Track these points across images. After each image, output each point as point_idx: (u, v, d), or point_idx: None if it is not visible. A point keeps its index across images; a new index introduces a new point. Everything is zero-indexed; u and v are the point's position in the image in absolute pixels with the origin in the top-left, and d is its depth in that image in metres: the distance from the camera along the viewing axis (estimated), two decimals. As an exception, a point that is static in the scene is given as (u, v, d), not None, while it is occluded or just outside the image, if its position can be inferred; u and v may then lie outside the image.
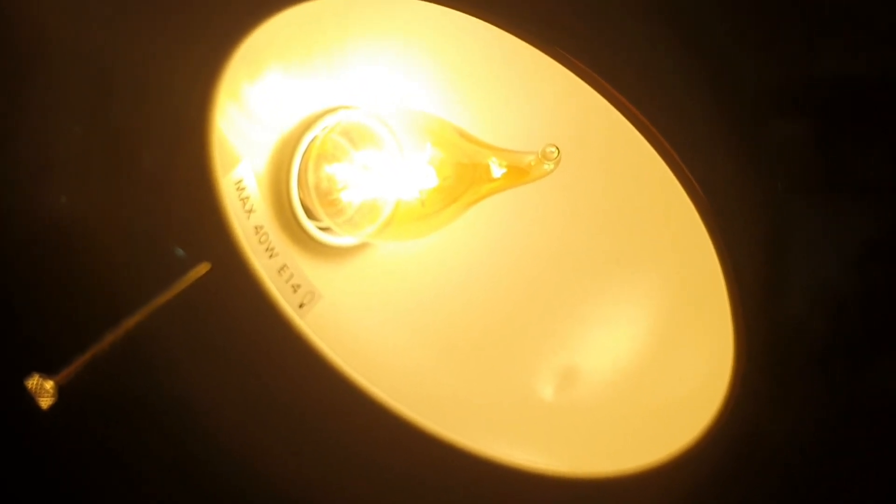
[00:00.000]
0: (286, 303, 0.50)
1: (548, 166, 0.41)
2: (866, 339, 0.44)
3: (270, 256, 0.50)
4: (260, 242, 0.50)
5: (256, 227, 0.50)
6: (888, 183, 0.42)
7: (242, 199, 0.49)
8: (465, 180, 0.45)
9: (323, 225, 0.53)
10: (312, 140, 0.52)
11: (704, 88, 0.35)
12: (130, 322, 0.47)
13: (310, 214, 0.52)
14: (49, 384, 0.44)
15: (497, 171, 0.43)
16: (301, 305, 0.51)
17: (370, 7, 0.37)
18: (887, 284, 0.43)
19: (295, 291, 0.51)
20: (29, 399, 0.44)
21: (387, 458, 0.52)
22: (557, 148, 0.40)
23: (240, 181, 0.49)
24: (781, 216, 0.40)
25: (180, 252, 0.51)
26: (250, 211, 0.49)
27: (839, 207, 0.42)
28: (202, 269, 0.50)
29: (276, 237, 0.51)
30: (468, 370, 0.52)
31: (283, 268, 0.51)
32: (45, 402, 0.44)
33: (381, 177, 0.50)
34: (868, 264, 0.43)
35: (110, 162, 0.49)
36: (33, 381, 0.44)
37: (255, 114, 0.49)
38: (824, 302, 0.43)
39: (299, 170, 0.52)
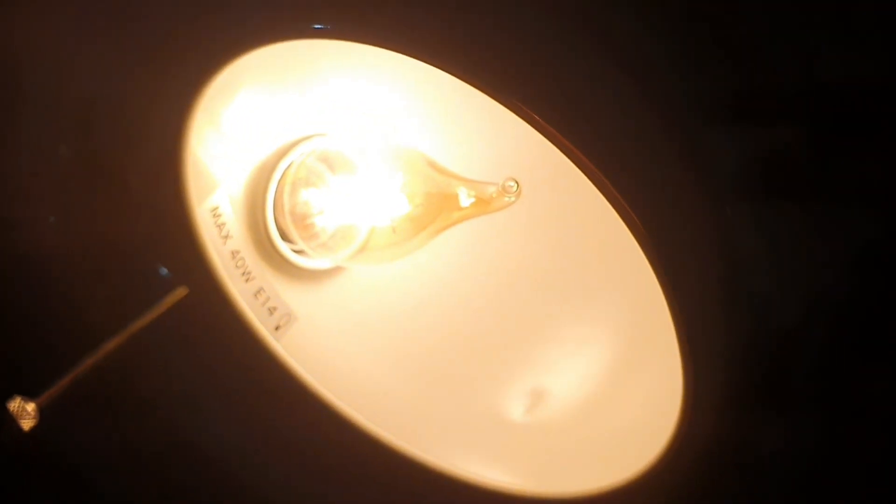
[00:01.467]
0: (262, 325, 0.51)
1: (509, 199, 0.42)
2: (862, 344, 0.45)
3: (247, 280, 0.51)
4: (236, 266, 0.51)
5: (233, 252, 0.51)
6: (882, 188, 0.43)
7: (219, 226, 0.50)
8: (435, 208, 0.46)
9: (298, 248, 0.54)
10: (288, 166, 0.53)
11: (632, 112, 0.36)
12: (109, 345, 0.48)
13: (285, 238, 0.54)
14: (31, 406, 0.45)
15: (465, 200, 0.45)
16: (277, 328, 0.52)
17: (340, 51, 0.39)
18: (882, 290, 0.45)
19: (271, 314, 0.52)
20: (10, 421, 0.45)
21: (360, 477, 0.53)
22: (517, 182, 0.41)
23: (216, 208, 0.50)
24: (726, 235, 0.41)
25: (164, 271, 0.52)
26: (227, 237, 0.51)
27: (833, 213, 0.43)
28: (180, 293, 0.51)
29: (253, 261, 0.52)
30: (440, 391, 0.53)
31: (259, 291, 0.52)
32: (27, 423, 0.45)
33: (354, 203, 0.52)
34: (863, 270, 0.44)
35: (88, 190, 0.50)
36: (15, 404, 0.45)
37: (231, 141, 0.50)
38: (820, 309, 0.44)
39: (275, 195, 0.53)
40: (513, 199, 0.42)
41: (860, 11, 0.42)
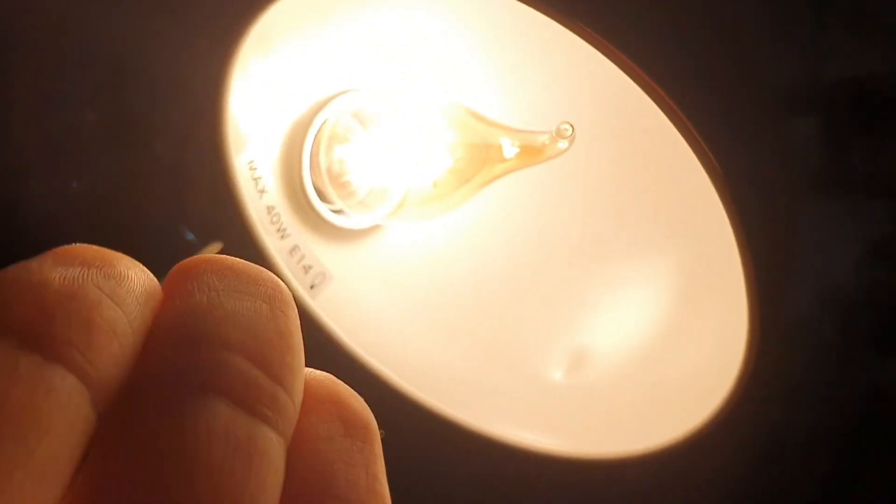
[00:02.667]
0: (297, 283, 0.50)
1: (562, 145, 0.41)
2: (875, 339, 0.44)
3: (282, 237, 0.51)
4: (272, 223, 0.50)
5: (269, 208, 0.50)
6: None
7: (255, 179, 0.49)
8: (478, 161, 0.45)
9: (335, 207, 0.53)
10: (324, 122, 0.52)
11: (729, 72, 0.35)
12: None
13: (322, 197, 0.53)
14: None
15: (510, 150, 0.44)
16: (312, 286, 0.52)
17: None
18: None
19: (306, 273, 0.51)
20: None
21: (394, 437, 0.52)
22: (572, 126, 0.40)
23: (251, 162, 0.49)
24: (797, 202, 0.40)
25: (190, 236, 0.51)
26: (262, 191, 0.50)
27: (850, 207, 0.42)
28: (214, 247, 0.50)
29: (288, 218, 0.51)
30: (478, 351, 0.52)
31: (294, 248, 0.51)
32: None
33: (392, 159, 0.51)
34: (878, 264, 0.43)
35: (124, 145, 0.50)
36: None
37: (266, 95, 0.49)
38: (833, 302, 0.43)
39: (311, 152, 0.52)
40: (566, 144, 0.41)
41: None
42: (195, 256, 0.20)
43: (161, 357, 0.18)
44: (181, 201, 0.51)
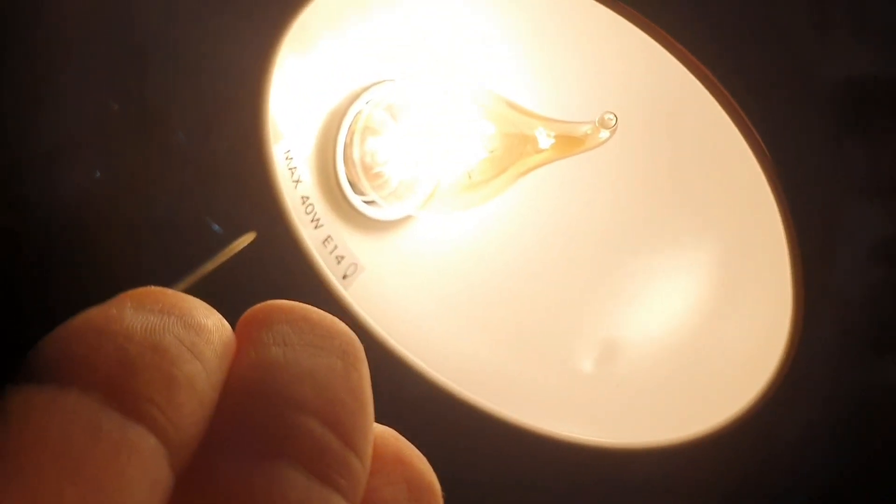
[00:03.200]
0: (330, 273, 0.51)
1: (604, 135, 0.41)
2: (874, 338, 0.44)
3: (316, 227, 0.51)
4: (306, 213, 0.51)
5: (303, 198, 0.50)
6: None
7: (290, 169, 0.49)
8: (514, 151, 0.45)
9: (367, 198, 0.53)
10: (358, 113, 0.52)
11: (781, 63, 0.35)
12: (179, 288, 0.48)
13: (354, 188, 0.53)
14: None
15: (546, 141, 0.44)
16: (344, 276, 0.52)
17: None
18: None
19: (339, 262, 0.52)
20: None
21: (425, 427, 0.52)
22: (615, 115, 0.40)
23: (288, 152, 0.49)
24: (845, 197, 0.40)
25: (217, 228, 0.52)
26: (297, 181, 0.50)
27: (851, 206, 0.42)
28: (247, 238, 0.50)
29: (322, 208, 0.52)
30: (509, 343, 0.53)
31: (327, 239, 0.52)
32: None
33: (425, 150, 0.51)
34: (877, 265, 0.43)
35: (152, 136, 0.50)
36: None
37: (303, 87, 0.50)
38: (833, 303, 0.43)
39: (345, 143, 0.52)
40: (608, 135, 0.41)
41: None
42: (269, 303, 0.20)
43: (236, 417, 0.18)
44: (211, 193, 0.52)
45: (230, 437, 0.17)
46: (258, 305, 0.20)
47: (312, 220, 0.51)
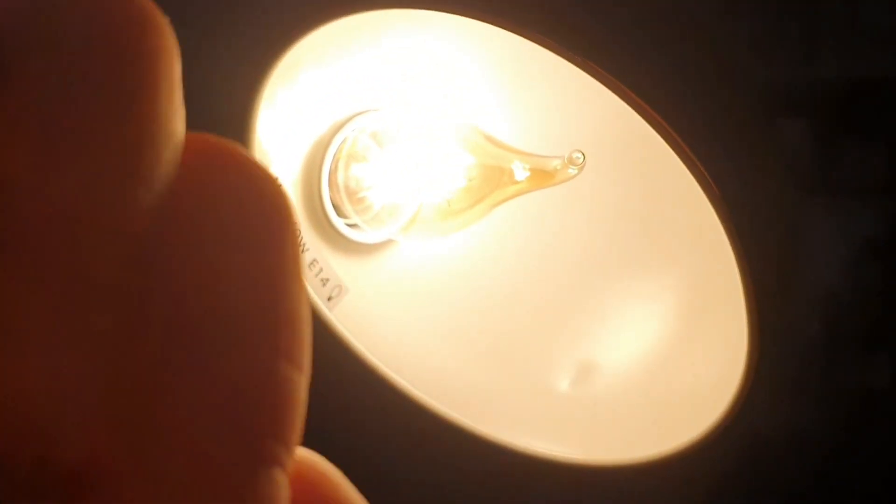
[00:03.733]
0: (316, 296, 0.53)
1: (572, 171, 0.43)
2: (863, 337, 0.46)
3: (302, 251, 0.53)
4: (292, 238, 0.52)
5: (289, 224, 0.52)
6: (887, 184, 0.44)
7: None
8: (491, 182, 0.47)
9: (351, 222, 0.55)
10: (342, 141, 0.54)
11: (717, 90, 0.37)
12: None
13: (339, 212, 0.55)
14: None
15: (521, 173, 0.46)
16: (329, 298, 0.54)
17: (401, 20, 0.40)
18: (885, 284, 0.45)
19: (324, 285, 0.54)
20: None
21: (406, 445, 0.54)
22: (583, 154, 0.42)
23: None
24: (793, 215, 0.42)
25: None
26: (284, 208, 0.52)
27: (839, 208, 0.44)
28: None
29: (307, 232, 0.54)
30: (489, 363, 0.55)
31: (312, 262, 0.53)
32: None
33: (409, 176, 0.53)
34: (867, 264, 0.45)
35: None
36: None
37: (289, 117, 0.51)
38: (822, 302, 0.45)
39: (330, 170, 0.54)
40: (576, 171, 0.43)
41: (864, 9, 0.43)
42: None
43: None
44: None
45: None
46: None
47: (299, 245, 0.53)
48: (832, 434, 0.48)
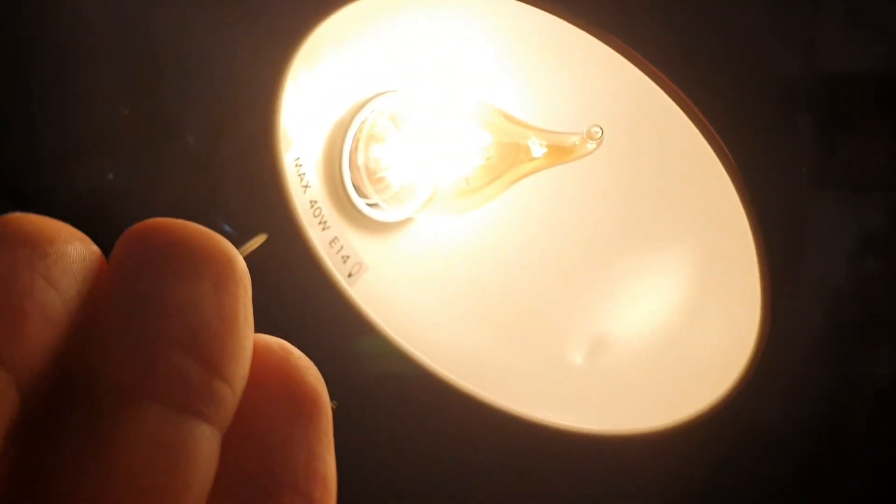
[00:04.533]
0: (337, 272, 0.54)
1: (591, 146, 0.44)
2: (864, 330, 0.47)
3: (323, 229, 0.54)
4: (314, 216, 0.54)
5: (311, 202, 0.54)
6: (891, 177, 0.45)
7: (300, 176, 0.53)
8: (509, 159, 0.49)
9: (371, 201, 0.57)
10: (362, 123, 0.56)
11: (741, 73, 0.38)
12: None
13: (359, 192, 0.56)
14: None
15: (538, 150, 0.47)
16: (350, 275, 0.55)
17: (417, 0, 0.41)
18: (886, 277, 0.46)
19: (344, 262, 0.55)
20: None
21: (423, 415, 0.56)
22: (601, 129, 0.44)
23: (297, 159, 0.53)
24: (803, 200, 0.43)
25: (228, 229, 0.55)
26: (306, 186, 0.54)
27: (842, 201, 0.45)
28: (260, 239, 0.54)
29: (329, 211, 0.55)
30: (505, 338, 0.56)
31: (334, 240, 0.55)
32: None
33: (426, 155, 0.55)
34: (868, 257, 0.46)
35: (175, 139, 0.54)
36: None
37: (311, 99, 0.53)
38: (824, 294, 0.46)
39: (350, 150, 0.56)
40: (595, 146, 0.44)
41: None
42: (145, 224, 0.20)
43: (95, 351, 0.18)
44: (223, 197, 0.55)
45: (86, 372, 0.17)
46: (134, 226, 0.20)
47: (320, 223, 0.54)
48: (833, 424, 0.49)
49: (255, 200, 0.54)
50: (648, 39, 0.36)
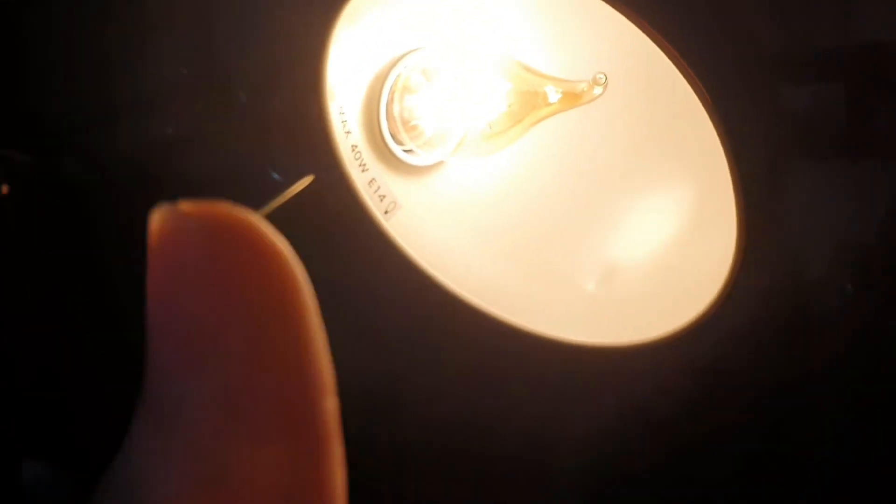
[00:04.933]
0: (375, 209, 0.61)
1: (597, 91, 0.51)
2: (887, 299, 0.51)
3: (363, 171, 0.61)
4: (355, 159, 0.61)
5: (353, 146, 0.60)
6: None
7: (343, 123, 0.59)
8: (528, 105, 0.55)
9: (406, 148, 0.63)
10: (397, 77, 0.62)
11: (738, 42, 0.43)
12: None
13: (395, 139, 0.63)
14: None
15: (553, 96, 0.54)
16: (386, 212, 0.62)
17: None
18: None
19: (381, 200, 0.62)
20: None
21: (457, 340, 0.62)
22: (605, 75, 0.50)
23: (341, 107, 0.59)
24: (791, 155, 0.48)
25: (276, 176, 0.62)
26: (348, 133, 0.60)
27: (863, 170, 0.49)
28: (307, 179, 0.60)
29: (368, 155, 0.62)
30: (525, 267, 0.63)
31: (372, 180, 0.62)
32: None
33: (454, 105, 0.61)
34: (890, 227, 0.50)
35: (220, 96, 0.60)
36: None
37: (352, 54, 0.59)
38: (845, 264, 0.51)
39: (387, 101, 0.63)
40: (601, 90, 0.51)
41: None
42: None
43: None
44: (274, 145, 0.62)
45: None
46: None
47: (360, 165, 0.61)
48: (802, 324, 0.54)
49: (304, 146, 0.61)
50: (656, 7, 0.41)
